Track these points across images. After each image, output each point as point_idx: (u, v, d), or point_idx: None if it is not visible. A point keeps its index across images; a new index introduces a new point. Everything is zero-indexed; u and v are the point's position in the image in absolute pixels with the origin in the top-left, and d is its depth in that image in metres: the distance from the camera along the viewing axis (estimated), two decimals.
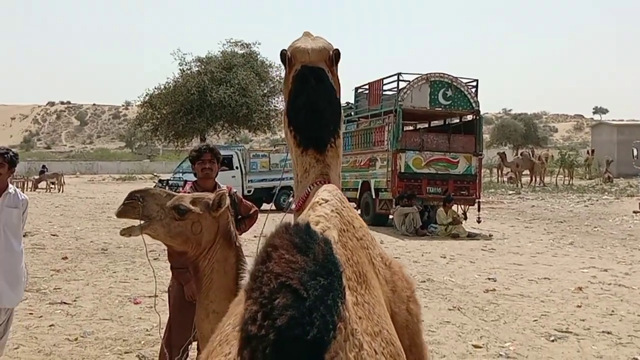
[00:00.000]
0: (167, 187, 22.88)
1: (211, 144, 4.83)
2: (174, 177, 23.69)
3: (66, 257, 11.00)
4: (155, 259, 11.09)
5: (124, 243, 13.16)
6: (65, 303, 7.56)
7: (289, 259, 1.25)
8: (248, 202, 4.89)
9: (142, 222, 3.11)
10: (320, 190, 1.73)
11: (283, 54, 2.45)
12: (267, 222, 2.86)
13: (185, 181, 20.19)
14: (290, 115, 2.44)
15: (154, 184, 24.52)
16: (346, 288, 1.29)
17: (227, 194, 3.20)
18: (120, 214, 3.20)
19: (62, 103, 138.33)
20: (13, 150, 5.18)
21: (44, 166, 38.29)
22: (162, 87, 29.48)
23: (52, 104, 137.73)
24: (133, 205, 3.12)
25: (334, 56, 2.48)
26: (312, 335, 1.14)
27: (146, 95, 29.45)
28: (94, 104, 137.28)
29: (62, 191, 30.45)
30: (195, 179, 4.73)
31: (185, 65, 30.07)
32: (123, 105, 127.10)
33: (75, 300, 7.74)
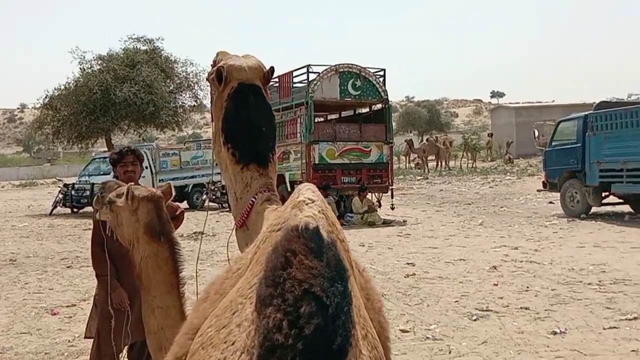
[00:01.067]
0: (72, 192, 22.20)
1: (132, 145, 4.67)
2: (79, 181, 22.79)
3: None
4: (68, 267, 10.71)
5: (33, 252, 12.60)
6: None
7: (309, 264, 1.23)
8: (173, 203, 4.77)
9: (100, 211, 3.47)
10: (302, 188, 1.70)
11: (219, 72, 2.43)
12: (207, 221, 2.86)
13: (94, 184, 19.56)
14: (228, 131, 2.42)
15: (59, 188, 23.54)
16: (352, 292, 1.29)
17: (136, 187, 3.31)
18: (94, 203, 3.62)
19: None
20: None
21: None
22: (62, 87, 28.28)
23: None
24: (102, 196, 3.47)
25: (269, 74, 2.51)
26: (337, 344, 1.14)
27: (45, 96, 28.23)
28: None
29: None
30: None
31: (86, 63, 29.00)
32: (18, 108, 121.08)
33: None
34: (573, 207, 15.55)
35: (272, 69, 2.53)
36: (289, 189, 17.24)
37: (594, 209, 15.50)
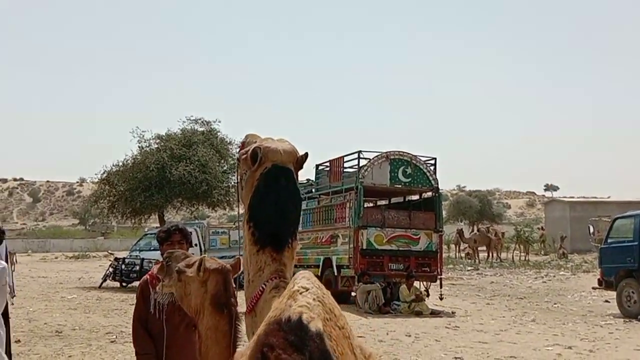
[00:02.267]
0: (123, 266, 22.48)
1: (180, 223, 4.67)
2: (130, 255, 23.13)
3: (19, 340, 10.47)
4: (112, 342, 10.72)
5: (79, 325, 12.69)
6: None
7: (287, 359, 1.18)
8: None
9: (164, 282, 3.50)
10: (297, 277, 1.67)
11: (255, 152, 2.45)
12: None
13: (148, 260, 19.77)
14: (254, 211, 2.41)
15: (109, 262, 23.90)
16: None
17: (207, 259, 3.32)
18: (157, 272, 3.67)
19: (14, 179, 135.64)
20: None
21: None
22: (121, 163, 29.20)
23: (4, 180, 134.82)
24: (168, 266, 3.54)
25: (303, 158, 2.52)
26: None
27: (104, 172, 29.14)
28: (48, 181, 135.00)
29: (14, 270, 29.32)
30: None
31: (145, 142, 30.00)
32: (77, 182, 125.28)
33: None
34: (630, 307, 14.88)
35: (306, 155, 2.54)
36: (336, 273, 17.11)
37: None
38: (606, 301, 17.41)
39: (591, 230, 18.68)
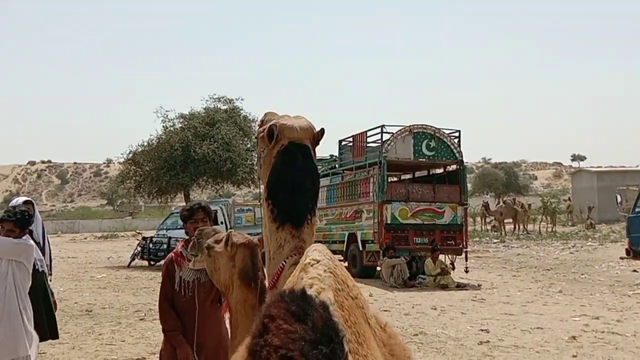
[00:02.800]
0: (150, 245, 22.77)
1: (203, 201, 4.71)
2: (157, 234, 23.42)
3: None
4: (141, 319, 10.91)
5: (108, 304, 12.92)
6: None
7: (288, 329, 1.19)
8: None
9: (195, 257, 3.69)
10: (309, 250, 1.69)
11: (272, 129, 2.46)
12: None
13: (175, 238, 19.99)
14: (272, 188, 2.43)
15: (137, 242, 24.21)
16: (348, 353, 1.24)
17: (234, 234, 3.52)
18: (189, 249, 3.89)
19: (42, 162, 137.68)
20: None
21: None
22: (145, 143, 29.45)
23: (32, 163, 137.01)
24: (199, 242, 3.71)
25: (319, 135, 2.52)
26: None
27: (129, 152, 29.42)
28: (75, 162, 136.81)
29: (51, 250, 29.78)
30: (187, 237, 4.63)
31: (169, 122, 30.16)
32: (104, 163, 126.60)
33: None
34: None
35: (322, 131, 2.53)
36: (361, 248, 17.16)
37: None
38: (634, 271, 17.23)
39: (619, 199, 18.46)
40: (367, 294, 10.89)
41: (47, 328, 5.79)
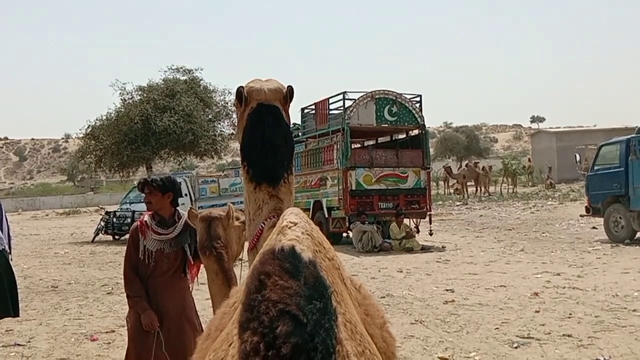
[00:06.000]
0: (114, 219, 22.54)
1: (149, 176, 4.68)
2: (121, 209, 23.18)
3: None
4: (108, 293, 10.85)
5: (74, 279, 12.80)
6: (19, 345, 7.26)
7: (284, 285, 1.23)
8: None
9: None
10: (286, 213, 1.71)
11: (239, 92, 2.47)
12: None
13: (139, 212, 19.79)
14: (246, 150, 2.44)
15: (101, 217, 23.94)
16: (336, 308, 1.27)
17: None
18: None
19: None
20: None
21: None
22: (104, 117, 28.95)
23: None
24: None
25: (288, 94, 2.52)
26: None
27: (88, 127, 28.88)
28: (33, 139, 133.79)
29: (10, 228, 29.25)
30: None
31: (127, 94, 29.64)
32: (63, 138, 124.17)
33: (29, 341, 7.44)
34: (617, 233, 15.17)
35: (290, 88, 2.53)
36: (327, 215, 17.25)
37: (638, 234, 15.10)
38: (593, 227, 17.71)
39: (577, 158, 18.80)
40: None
41: (10, 305, 5.73)
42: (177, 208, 4.57)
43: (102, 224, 22.36)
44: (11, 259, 6.03)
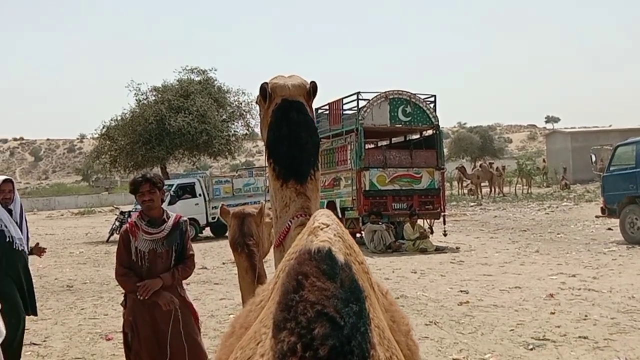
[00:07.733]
0: (128, 219, 22.61)
1: (149, 173, 4.57)
2: (135, 209, 23.28)
3: None
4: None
5: (89, 278, 12.89)
6: (34, 344, 7.32)
7: (321, 286, 1.23)
8: (191, 243, 4.75)
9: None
10: (318, 214, 1.70)
11: (263, 88, 2.45)
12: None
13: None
14: (271, 147, 2.42)
15: (115, 216, 24.08)
16: (370, 312, 1.27)
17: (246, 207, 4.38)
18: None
19: (15, 140, 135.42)
20: None
21: None
22: (119, 118, 29.16)
23: (4, 141, 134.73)
24: None
25: (312, 89, 2.51)
26: None
27: (103, 127, 29.10)
28: (48, 139, 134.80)
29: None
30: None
31: (142, 95, 29.83)
32: (78, 139, 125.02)
33: (44, 341, 7.51)
34: (633, 234, 15.03)
35: (313, 84, 2.52)
36: (340, 216, 17.22)
37: None
38: (609, 229, 17.56)
39: (593, 159, 18.63)
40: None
41: (28, 305, 5.79)
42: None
43: (117, 223, 22.49)
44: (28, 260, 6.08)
